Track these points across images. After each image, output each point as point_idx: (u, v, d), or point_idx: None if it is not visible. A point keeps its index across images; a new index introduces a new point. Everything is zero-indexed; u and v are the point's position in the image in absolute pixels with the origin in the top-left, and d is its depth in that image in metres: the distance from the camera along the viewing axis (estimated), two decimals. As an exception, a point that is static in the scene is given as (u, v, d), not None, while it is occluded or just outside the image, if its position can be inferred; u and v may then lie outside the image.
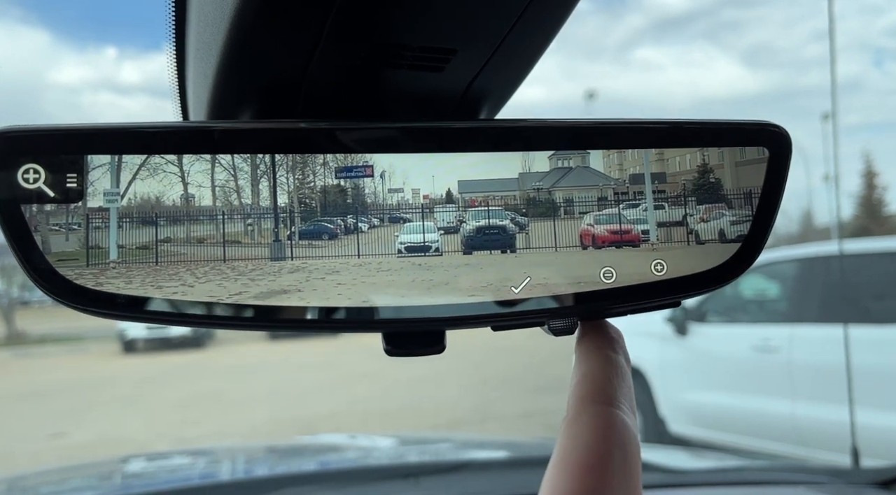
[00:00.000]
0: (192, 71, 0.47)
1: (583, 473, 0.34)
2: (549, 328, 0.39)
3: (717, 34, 60.75)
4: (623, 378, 0.37)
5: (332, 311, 0.37)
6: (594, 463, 0.35)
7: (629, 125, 0.39)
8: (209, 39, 0.44)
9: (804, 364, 4.65)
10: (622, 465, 0.35)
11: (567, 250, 0.38)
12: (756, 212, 0.38)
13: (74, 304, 0.36)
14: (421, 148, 0.38)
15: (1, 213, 0.35)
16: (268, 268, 0.37)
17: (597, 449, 0.35)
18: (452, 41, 0.41)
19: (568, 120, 0.39)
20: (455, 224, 0.38)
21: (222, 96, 0.46)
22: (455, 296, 0.37)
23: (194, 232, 0.37)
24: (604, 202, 0.39)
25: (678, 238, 0.39)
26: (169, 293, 0.36)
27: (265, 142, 0.37)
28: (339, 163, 0.38)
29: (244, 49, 0.41)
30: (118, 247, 0.36)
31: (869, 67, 57.19)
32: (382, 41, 0.41)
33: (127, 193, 0.36)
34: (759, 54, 56.90)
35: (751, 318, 5.33)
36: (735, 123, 0.39)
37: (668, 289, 0.38)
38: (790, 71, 53.38)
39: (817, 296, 4.89)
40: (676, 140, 0.39)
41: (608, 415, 0.36)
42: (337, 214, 0.38)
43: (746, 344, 4.99)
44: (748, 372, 4.93)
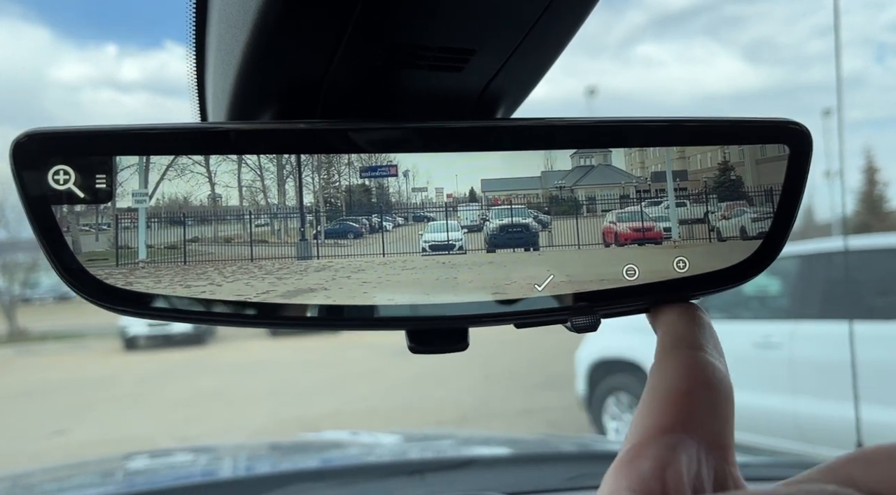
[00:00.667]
0: (211, 71, 0.48)
1: (666, 407, 0.33)
2: (572, 325, 0.39)
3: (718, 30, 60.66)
4: (705, 327, 0.37)
5: (358, 309, 0.37)
6: (677, 398, 0.34)
7: (651, 123, 0.39)
8: (231, 41, 0.44)
9: (806, 360, 4.66)
10: (708, 401, 0.34)
11: (590, 248, 0.39)
12: (777, 209, 0.39)
13: (104, 303, 0.36)
14: (444, 147, 0.38)
15: (32, 214, 0.35)
16: (294, 266, 0.38)
17: (679, 387, 0.34)
18: (472, 41, 0.42)
19: (589, 118, 0.39)
20: (478, 222, 0.39)
21: (243, 97, 0.46)
22: (479, 294, 0.38)
23: (222, 231, 0.38)
24: (626, 200, 0.39)
25: (700, 235, 0.39)
26: (197, 292, 0.36)
27: (291, 142, 0.38)
28: (363, 162, 0.38)
29: (266, 51, 0.42)
30: (147, 246, 0.37)
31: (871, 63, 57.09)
32: (403, 41, 0.41)
33: (155, 194, 0.37)
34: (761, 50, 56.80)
35: (752, 315, 5.34)
36: (756, 121, 0.39)
37: (690, 285, 0.39)
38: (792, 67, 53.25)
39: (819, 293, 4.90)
40: (697, 138, 0.39)
41: (691, 357, 0.35)
42: (362, 213, 0.39)
43: (748, 340, 5.00)
44: (750, 369, 4.94)
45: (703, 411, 0.34)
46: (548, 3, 0.39)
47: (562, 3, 0.39)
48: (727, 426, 0.35)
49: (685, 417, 0.33)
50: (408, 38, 0.41)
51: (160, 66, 57.56)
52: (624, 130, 0.39)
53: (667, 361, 0.35)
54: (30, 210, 0.35)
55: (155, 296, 0.36)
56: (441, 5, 0.39)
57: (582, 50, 53.62)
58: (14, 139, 0.35)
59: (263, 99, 0.46)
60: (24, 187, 0.35)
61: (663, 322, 0.37)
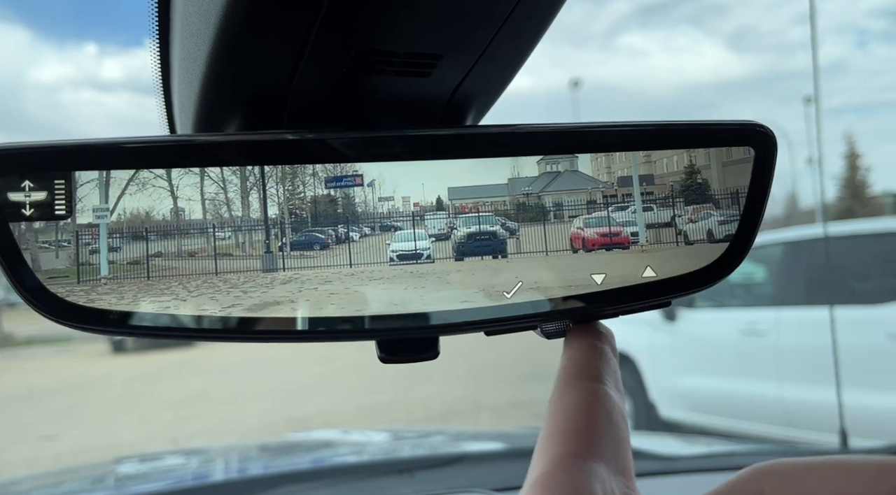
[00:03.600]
0: (177, 82, 0.47)
1: (569, 439, 0.35)
2: (541, 331, 0.39)
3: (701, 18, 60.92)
4: (607, 362, 0.38)
5: (326, 321, 0.37)
6: (581, 429, 0.35)
7: (616, 128, 0.39)
8: (193, 50, 0.43)
9: (791, 346, 4.70)
10: (608, 432, 0.35)
11: (558, 254, 0.39)
12: (743, 211, 0.39)
13: (66, 321, 0.35)
14: (410, 155, 0.38)
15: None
16: (260, 279, 0.37)
17: (582, 419, 0.35)
18: (438, 46, 0.41)
19: (555, 124, 0.39)
20: (446, 231, 0.39)
21: (208, 107, 0.45)
22: (448, 303, 0.37)
23: (185, 245, 0.37)
24: (593, 205, 0.39)
25: (667, 239, 0.39)
26: (162, 307, 0.36)
27: (253, 153, 0.37)
28: (328, 172, 0.38)
29: (229, 59, 0.41)
30: (109, 262, 0.36)
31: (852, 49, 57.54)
32: (368, 48, 0.41)
33: (116, 209, 0.36)
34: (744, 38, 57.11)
35: (738, 302, 5.38)
36: (721, 124, 0.39)
37: (658, 289, 0.39)
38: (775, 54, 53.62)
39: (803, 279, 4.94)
40: (663, 142, 0.39)
41: (592, 389, 0.36)
42: (328, 224, 0.38)
43: (734, 328, 5.03)
44: (736, 356, 4.98)
45: (606, 440, 0.35)
46: (514, 7, 0.39)
47: (528, 5, 0.39)
48: (627, 454, 0.36)
49: (593, 445, 0.34)
50: (374, 43, 0.40)
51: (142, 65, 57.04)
52: (590, 136, 0.39)
53: (568, 391, 0.36)
54: None
55: (118, 313, 0.36)
56: (406, 10, 0.38)
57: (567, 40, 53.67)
58: None
59: (229, 107, 0.45)
60: None
61: (568, 351, 0.38)
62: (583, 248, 0.39)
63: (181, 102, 0.48)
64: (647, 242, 0.39)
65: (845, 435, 1.78)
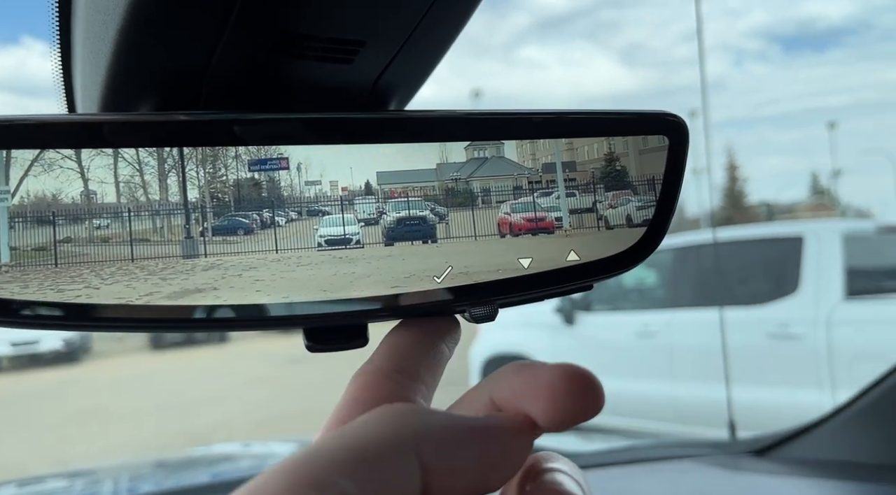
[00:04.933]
0: (80, 62, 0.44)
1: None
2: (470, 316, 0.39)
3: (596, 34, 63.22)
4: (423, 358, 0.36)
5: (251, 309, 0.36)
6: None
7: (538, 116, 0.40)
8: (101, 28, 0.41)
9: (682, 346, 4.94)
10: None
11: (486, 239, 0.39)
12: (659, 197, 0.40)
13: None
14: (336, 139, 0.38)
15: None
16: (180, 266, 0.35)
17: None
18: (360, 33, 0.41)
19: (481, 111, 0.39)
20: (375, 216, 0.38)
21: (116, 89, 0.43)
22: (378, 288, 0.37)
23: (97, 231, 0.35)
24: (519, 191, 0.40)
25: (589, 224, 0.40)
26: (72, 297, 0.34)
27: (172, 134, 0.36)
28: (252, 155, 0.37)
29: (141, 39, 0.39)
30: (10, 248, 0.34)
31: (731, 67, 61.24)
32: (290, 31, 0.40)
33: (18, 191, 0.34)
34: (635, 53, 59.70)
35: (632, 306, 5.60)
36: (637, 114, 0.41)
37: (582, 272, 0.39)
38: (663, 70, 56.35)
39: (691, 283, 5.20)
40: (583, 130, 0.40)
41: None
42: (252, 208, 0.37)
43: (630, 330, 5.24)
44: (632, 357, 5.17)
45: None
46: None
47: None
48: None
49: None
50: (295, 27, 0.40)
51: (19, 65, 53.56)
52: (513, 123, 0.40)
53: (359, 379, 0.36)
54: None
55: (23, 303, 0.33)
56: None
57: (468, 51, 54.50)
58: None
59: (139, 91, 0.43)
60: None
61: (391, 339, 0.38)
62: (510, 233, 0.39)
63: (84, 85, 0.45)
64: (571, 227, 0.40)
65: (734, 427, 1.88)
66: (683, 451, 1.60)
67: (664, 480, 1.44)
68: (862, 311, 4.42)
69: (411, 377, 0.35)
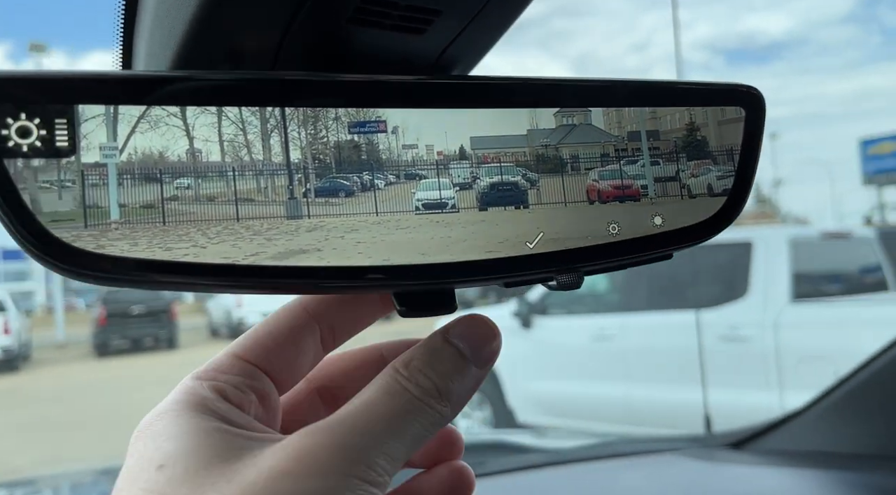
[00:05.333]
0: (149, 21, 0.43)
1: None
2: (557, 283, 0.39)
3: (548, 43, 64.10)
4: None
5: (353, 271, 0.35)
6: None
7: (622, 84, 0.41)
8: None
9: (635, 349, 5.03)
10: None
11: (576, 205, 0.39)
12: (737, 167, 0.41)
13: (73, 269, 0.32)
14: (432, 103, 0.38)
15: None
16: (284, 226, 0.35)
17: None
18: (439, 1, 0.41)
19: (569, 78, 0.40)
20: (469, 180, 0.38)
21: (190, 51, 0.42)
22: (473, 253, 0.37)
23: (203, 189, 0.34)
24: (606, 158, 0.40)
25: (673, 192, 0.41)
26: (180, 255, 0.33)
27: (274, 94, 0.35)
28: (351, 118, 0.37)
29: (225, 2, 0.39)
30: (120, 206, 0.33)
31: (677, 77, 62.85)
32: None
33: (126, 148, 0.33)
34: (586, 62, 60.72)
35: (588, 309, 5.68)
36: (716, 85, 0.42)
37: (664, 240, 0.40)
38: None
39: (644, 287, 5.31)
40: (664, 99, 0.41)
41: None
42: (352, 171, 0.37)
43: (585, 334, 5.31)
44: (588, 360, 5.25)
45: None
46: None
47: None
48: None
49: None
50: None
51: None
52: (599, 90, 0.40)
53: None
54: None
55: (132, 261, 0.32)
56: None
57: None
58: None
59: (214, 54, 0.42)
60: None
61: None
62: (598, 200, 0.40)
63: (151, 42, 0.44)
64: (656, 195, 0.41)
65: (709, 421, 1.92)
66: (662, 446, 1.63)
67: (647, 473, 1.46)
68: (807, 314, 4.58)
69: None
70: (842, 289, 5.23)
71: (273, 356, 0.38)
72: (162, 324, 16.09)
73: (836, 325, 4.42)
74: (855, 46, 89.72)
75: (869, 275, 5.38)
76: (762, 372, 4.50)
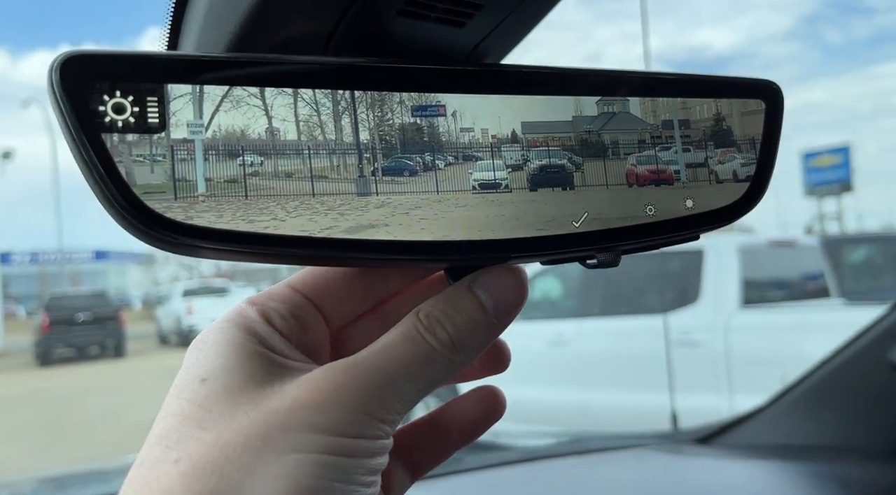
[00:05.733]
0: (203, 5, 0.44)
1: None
2: (597, 261, 0.42)
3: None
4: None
5: (416, 245, 0.38)
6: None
7: (658, 75, 0.44)
8: None
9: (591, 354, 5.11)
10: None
11: (616, 188, 0.42)
12: (758, 156, 0.45)
13: (167, 237, 0.33)
14: (491, 89, 0.40)
15: (82, 143, 0.31)
16: (355, 202, 0.37)
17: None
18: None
19: (611, 69, 0.43)
20: (520, 162, 0.41)
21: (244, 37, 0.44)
22: (524, 231, 0.40)
23: (281, 166, 0.36)
24: (643, 144, 0.43)
25: (702, 178, 0.44)
26: (261, 227, 0.35)
27: (346, 77, 0.37)
28: (413, 102, 0.39)
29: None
30: (206, 180, 0.34)
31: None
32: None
33: (211, 125, 0.35)
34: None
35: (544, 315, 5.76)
36: (739, 79, 0.45)
37: (695, 222, 0.43)
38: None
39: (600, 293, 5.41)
40: (694, 91, 0.45)
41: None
42: (415, 152, 0.39)
43: (542, 339, 5.37)
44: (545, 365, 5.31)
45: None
46: None
47: None
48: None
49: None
50: None
51: None
52: (637, 81, 0.43)
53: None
54: (79, 138, 0.31)
55: (218, 232, 0.34)
56: None
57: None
58: (57, 60, 0.31)
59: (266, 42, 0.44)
60: (73, 113, 0.31)
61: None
62: (636, 183, 0.43)
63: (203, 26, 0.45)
64: (687, 179, 0.44)
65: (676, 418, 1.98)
66: (631, 442, 1.68)
67: (619, 468, 1.50)
68: (755, 319, 4.72)
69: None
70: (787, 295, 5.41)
71: (324, 292, 0.41)
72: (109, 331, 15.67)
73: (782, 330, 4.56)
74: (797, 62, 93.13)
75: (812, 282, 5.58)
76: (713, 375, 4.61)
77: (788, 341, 4.35)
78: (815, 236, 7.54)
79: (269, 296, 0.40)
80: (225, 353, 0.36)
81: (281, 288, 0.40)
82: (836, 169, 26.13)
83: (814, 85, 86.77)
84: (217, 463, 0.32)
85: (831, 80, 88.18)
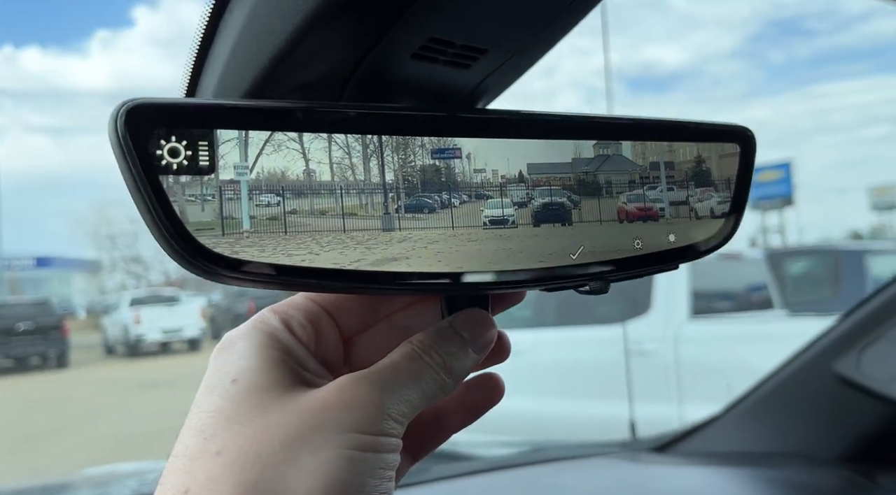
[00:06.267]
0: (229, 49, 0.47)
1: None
2: (590, 288, 0.47)
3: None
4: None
5: (434, 276, 0.41)
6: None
7: (648, 122, 0.49)
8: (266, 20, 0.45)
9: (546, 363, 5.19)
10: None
11: (608, 223, 0.47)
12: (733, 194, 0.50)
13: (215, 270, 0.36)
14: (504, 134, 0.44)
15: (142, 184, 0.34)
16: (381, 237, 0.41)
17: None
18: (488, 41, 0.47)
19: (607, 116, 0.47)
20: (525, 200, 0.45)
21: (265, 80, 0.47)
22: (528, 262, 0.44)
23: (317, 204, 0.40)
24: (633, 184, 0.48)
25: (684, 214, 0.49)
26: (298, 260, 0.38)
27: (375, 124, 0.41)
28: (433, 145, 0.43)
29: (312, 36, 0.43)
30: (250, 217, 0.38)
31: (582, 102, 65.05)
32: (437, 36, 0.45)
33: (255, 167, 0.38)
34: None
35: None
36: (717, 125, 0.50)
37: (676, 255, 0.48)
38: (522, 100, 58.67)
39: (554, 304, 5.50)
40: (678, 135, 0.49)
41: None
42: (433, 190, 0.43)
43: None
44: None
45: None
46: (560, 10, 0.45)
47: (567, 10, 0.46)
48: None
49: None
50: (442, 32, 0.45)
51: None
52: (628, 127, 0.48)
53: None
54: (140, 179, 0.34)
55: (261, 265, 0.37)
56: (479, 4, 0.43)
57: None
58: (120, 107, 0.34)
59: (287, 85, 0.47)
60: (135, 157, 0.34)
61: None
62: (626, 219, 0.47)
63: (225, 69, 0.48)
64: (671, 216, 0.49)
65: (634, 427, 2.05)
66: (590, 450, 1.74)
67: (580, 475, 1.56)
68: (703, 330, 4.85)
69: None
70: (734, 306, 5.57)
71: (338, 304, 0.45)
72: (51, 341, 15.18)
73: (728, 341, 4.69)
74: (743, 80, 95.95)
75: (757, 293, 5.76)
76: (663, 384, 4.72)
77: (734, 351, 4.48)
78: (760, 249, 7.79)
79: (290, 305, 0.44)
80: (253, 356, 0.40)
81: (300, 298, 0.45)
82: (778, 184, 27.01)
83: (758, 102, 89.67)
84: (258, 455, 0.36)
85: (774, 98, 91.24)
